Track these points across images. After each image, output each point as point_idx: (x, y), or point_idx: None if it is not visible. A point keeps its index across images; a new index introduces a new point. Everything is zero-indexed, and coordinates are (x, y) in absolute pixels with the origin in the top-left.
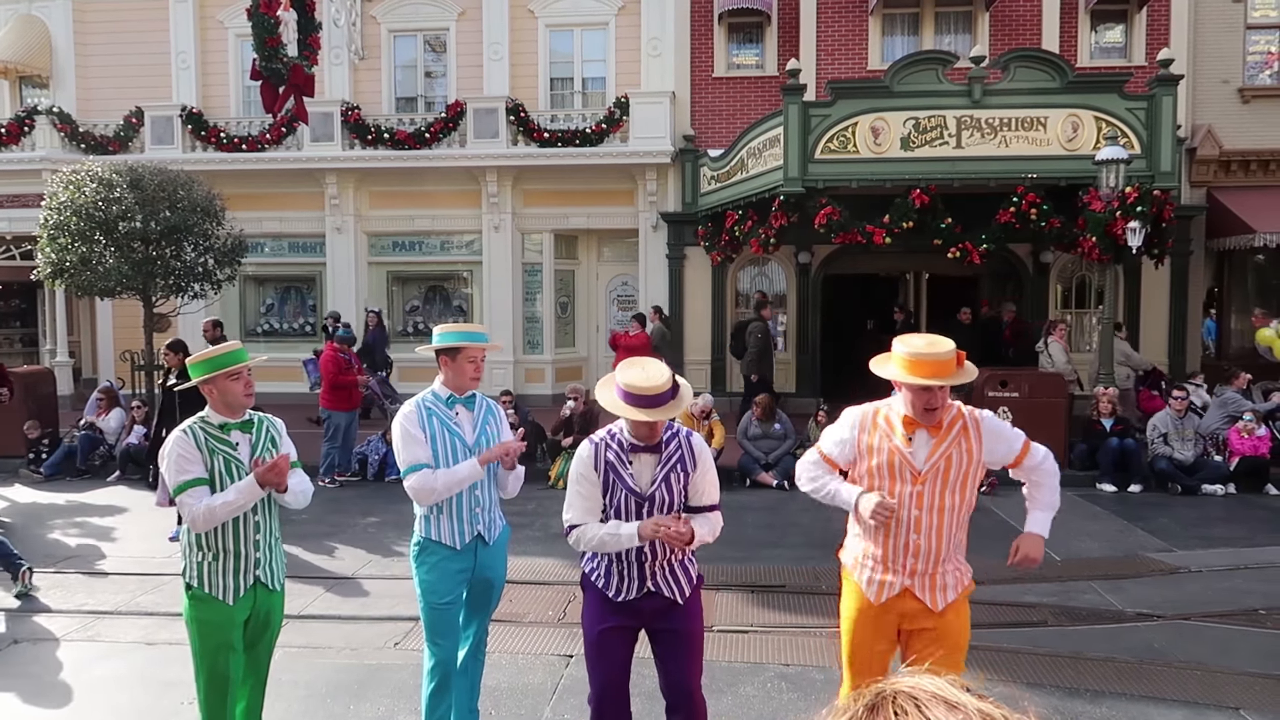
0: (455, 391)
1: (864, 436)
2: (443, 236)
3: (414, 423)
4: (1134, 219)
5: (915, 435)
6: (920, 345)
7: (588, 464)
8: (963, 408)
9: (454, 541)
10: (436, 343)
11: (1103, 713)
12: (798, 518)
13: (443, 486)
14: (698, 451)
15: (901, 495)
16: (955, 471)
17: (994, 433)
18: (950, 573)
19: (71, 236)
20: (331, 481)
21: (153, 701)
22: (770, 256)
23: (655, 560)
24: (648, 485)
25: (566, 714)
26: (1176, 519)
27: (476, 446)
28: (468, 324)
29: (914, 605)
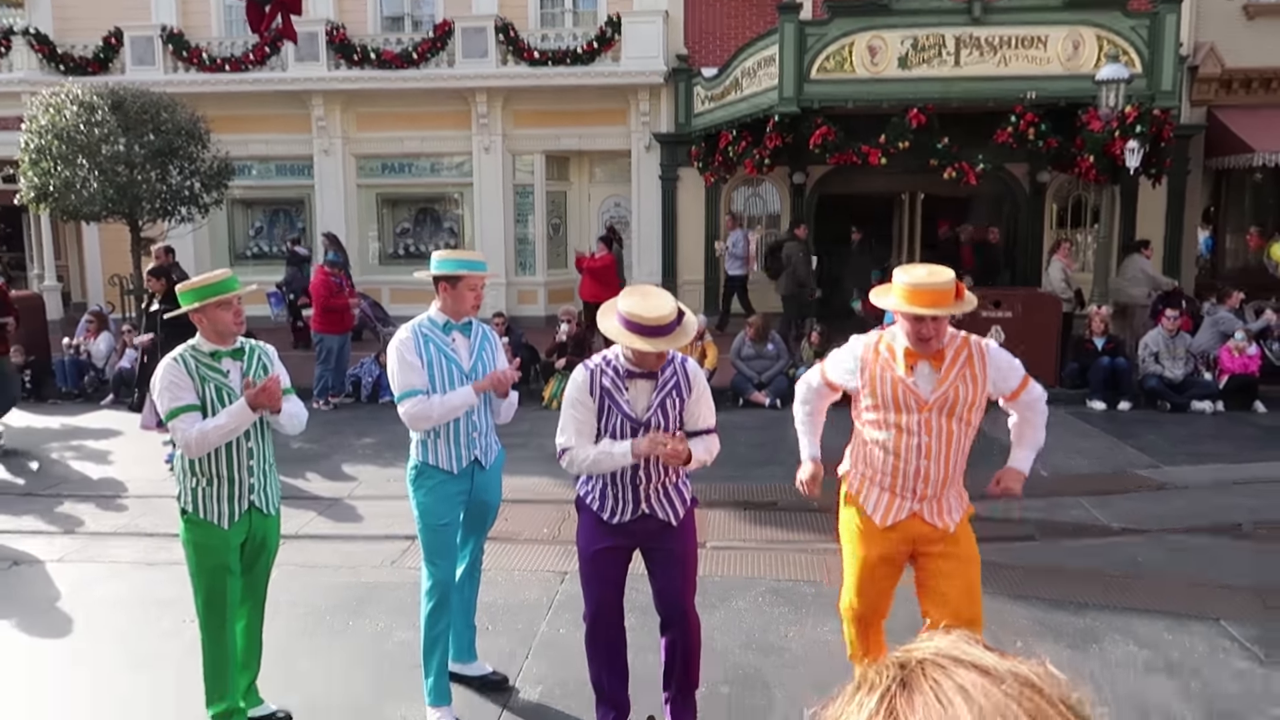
0: (452, 318)
1: (868, 365)
2: (432, 158)
3: (410, 349)
4: (1133, 139)
5: (918, 364)
6: (920, 275)
7: (583, 389)
8: (970, 338)
9: (451, 466)
10: (436, 269)
11: (1086, 624)
12: (790, 436)
13: (438, 414)
14: (693, 377)
15: (908, 424)
16: (963, 401)
17: (998, 364)
18: (953, 496)
19: (54, 160)
20: (326, 404)
21: (153, 621)
22: (764, 177)
23: (649, 483)
24: (643, 411)
25: (561, 628)
26: (1165, 436)
27: (473, 373)
28: (468, 252)
29: (923, 529)
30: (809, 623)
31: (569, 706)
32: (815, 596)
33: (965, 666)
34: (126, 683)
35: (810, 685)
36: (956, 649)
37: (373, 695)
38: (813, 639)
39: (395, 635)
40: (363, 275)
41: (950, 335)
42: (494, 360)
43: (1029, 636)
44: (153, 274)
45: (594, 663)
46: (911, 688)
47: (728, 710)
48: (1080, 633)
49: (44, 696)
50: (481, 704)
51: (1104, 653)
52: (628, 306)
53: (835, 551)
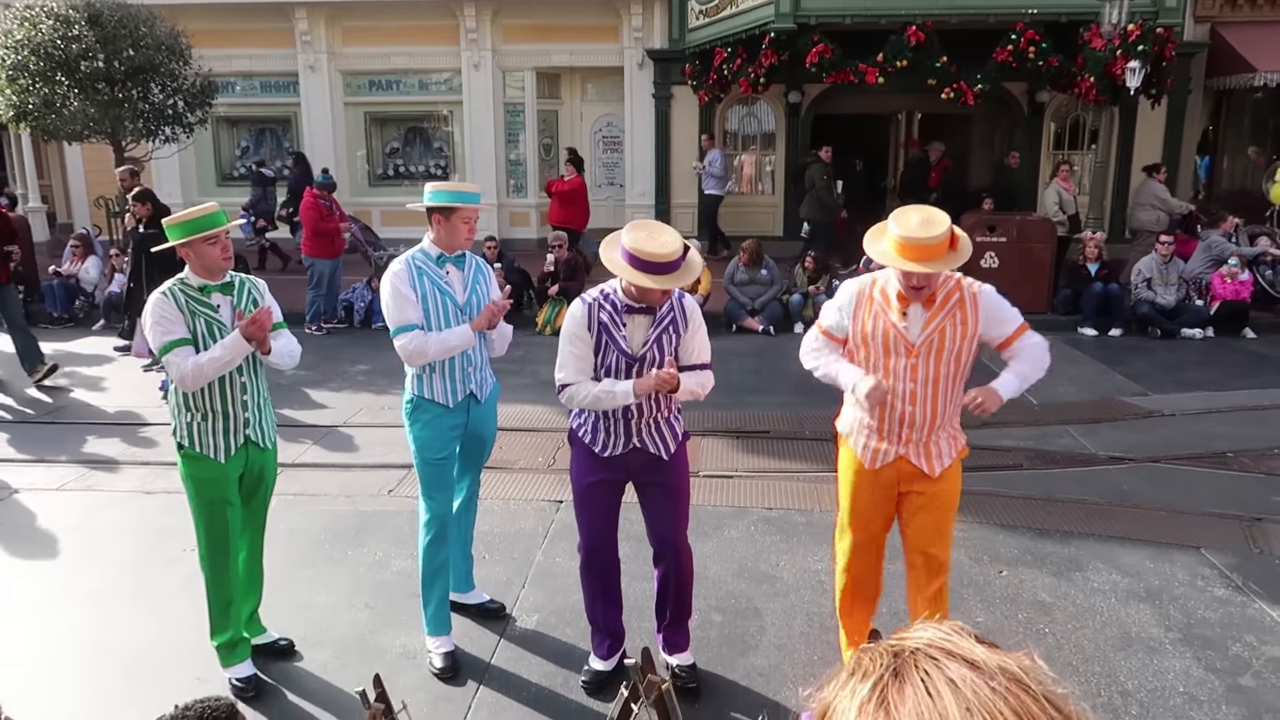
0: (445, 250)
1: (860, 310)
2: (421, 75)
3: (404, 281)
4: (1134, 58)
5: (910, 309)
6: (913, 226)
7: (580, 324)
8: (963, 280)
9: (447, 400)
10: (429, 200)
11: (1070, 552)
12: (782, 364)
13: (434, 351)
14: (690, 312)
15: (896, 368)
16: (950, 345)
17: (991, 310)
18: (944, 439)
19: (32, 77)
20: (318, 329)
21: (153, 550)
22: (759, 97)
23: (642, 418)
24: (639, 347)
25: (557, 557)
26: (1154, 363)
27: (467, 306)
28: (462, 183)
29: (910, 469)
30: (799, 551)
31: (565, 634)
32: (806, 526)
33: (957, 660)
34: (130, 613)
35: (801, 613)
36: (949, 641)
37: (372, 624)
38: (803, 568)
39: (394, 564)
40: (352, 197)
41: (943, 279)
42: (488, 293)
43: (1017, 565)
44: (137, 199)
45: (589, 593)
46: (903, 677)
47: (720, 637)
48: (1065, 561)
49: (48, 626)
50: (480, 632)
51: (1087, 580)
52: (633, 242)
53: (826, 480)
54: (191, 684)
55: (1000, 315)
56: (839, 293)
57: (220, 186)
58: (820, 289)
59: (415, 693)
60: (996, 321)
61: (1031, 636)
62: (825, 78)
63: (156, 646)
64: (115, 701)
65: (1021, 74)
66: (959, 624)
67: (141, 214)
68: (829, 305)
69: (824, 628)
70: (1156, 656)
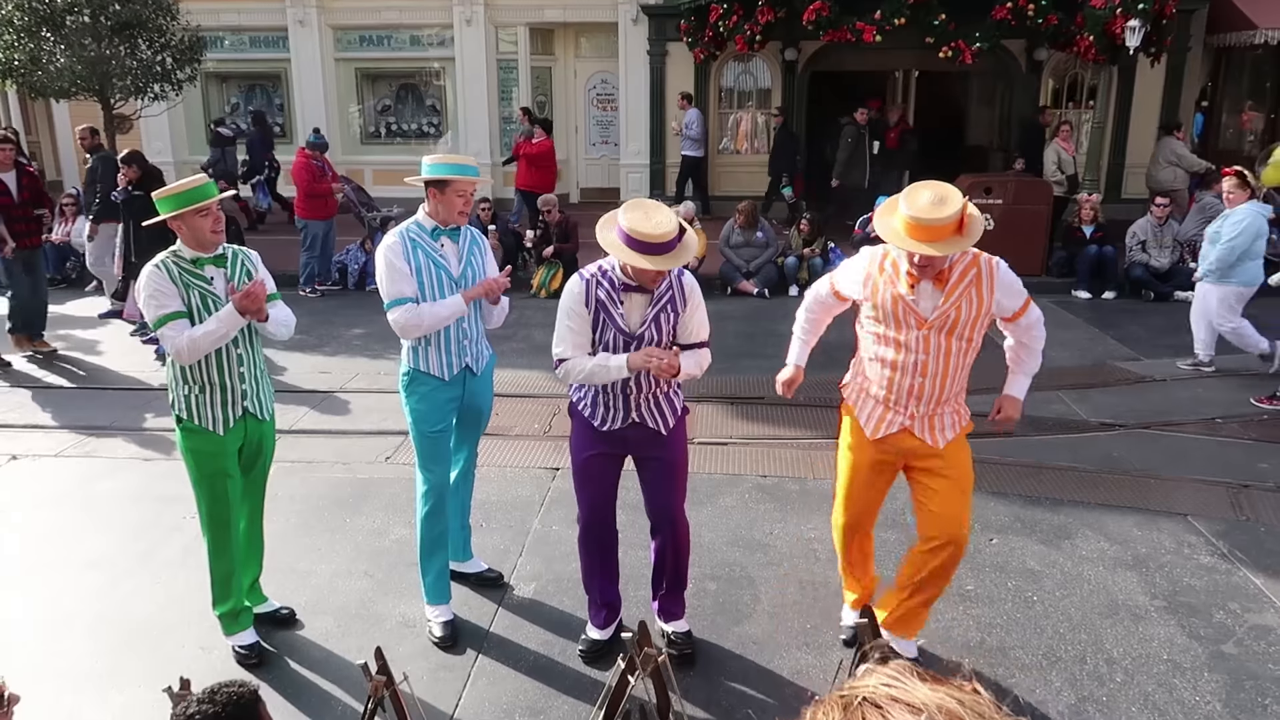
0: (440, 224)
1: (871, 278)
2: (412, 30)
3: (398, 254)
4: (1134, 17)
5: (919, 282)
6: (922, 205)
7: (578, 300)
8: (980, 256)
9: (442, 373)
10: (425, 173)
11: (1060, 520)
12: (777, 327)
13: (428, 323)
14: (688, 290)
15: (906, 341)
16: (964, 320)
17: (1005, 285)
18: (949, 414)
19: (17, 32)
20: (312, 291)
21: (155, 517)
22: (755, 54)
23: (640, 393)
24: (637, 325)
25: (554, 525)
26: (1147, 326)
27: (462, 280)
28: (459, 156)
29: (913, 443)
30: (793, 520)
31: (562, 603)
32: (800, 494)
33: (900, 705)
34: (132, 581)
35: (794, 581)
36: (894, 686)
37: (372, 593)
38: (796, 535)
39: (392, 532)
40: (344, 155)
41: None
42: (483, 266)
43: (1007, 533)
44: (125, 161)
45: (586, 565)
46: None
47: (715, 605)
48: (1054, 529)
49: (51, 595)
50: (479, 601)
51: (1075, 548)
52: (630, 222)
53: (820, 447)
54: (195, 652)
55: (1012, 291)
56: (856, 257)
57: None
58: (815, 251)
59: (415, 661)
60: (1010, 295)
61: (1020, 604)
62: (822, 35)
63: (159, 615)
64: (119, 671)
65: (1020, 32)
66: (905, 664)
67: (130, 176)
68: (846, 267)
69: (816, 596)
70: (1142, 624)
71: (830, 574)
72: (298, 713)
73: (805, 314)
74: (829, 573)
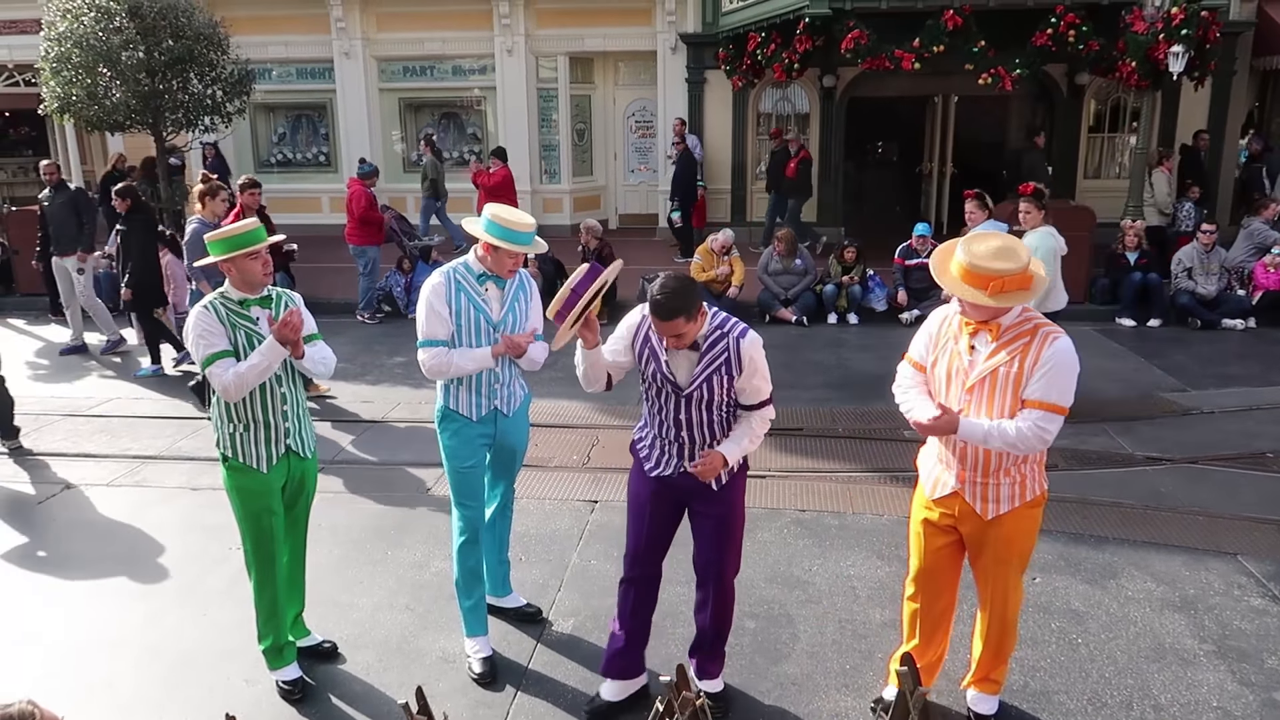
0: (488, 270)
1: (934, 336)
2: (454, 61)
3: (439, 297)
4: (1177, 43)
5: (977, 342)
6: (980, 254)
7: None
8: (1039, 330)
9: (471, 413)
10: (483, 229)
11: (1105, 558)
12: (816, 356)
13: (452, 370)
14: (743, 355)
15: (951, 402)
16: (1003, 385)
17: (1044, 367)
18: (1008, 484)
19: (75, 69)
20: (371, 317)
21: (202, 548)
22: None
23: (694, 444)
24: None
25: (593, 559)
26: (1194, 356)
27: (501, 325)
28: (520, 222)
29: (965, 508)
30: (832, 556)
31: (600, 639)
32: (839, 529)
33: None
34: (178, 613)
35: (833, 620)
36: None
37: (413, 627)
38: (836, 573)
39: (432, 565)
40: (387, 183)
41: (1025, 318)
42: (527, 311)
43: (1050, 571)
44: (119, 194)
45: (618, 607)
46: None
47: (753, 644)
48: (1099, 568)
49: (100, 624)
50: (517, 636)
51: (1121, 588)
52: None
53: (859, 480)
54: (240, 686)
55: (1048, 379)
56: (928, 319)
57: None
58: (854, 279)
59: (455, 697)
60: (1041, 382)
61: (1064, 647)
62: (860, 63)
63: (205, 646)
64: (167, 702)
65: (1060, 57)
66: None
67: (122, 209)
68: (916, 335)
69: (856, 635)
70: (1190, 669)
71: (871, 612)
72: None
73: (901, 394)
74: (870, 611)
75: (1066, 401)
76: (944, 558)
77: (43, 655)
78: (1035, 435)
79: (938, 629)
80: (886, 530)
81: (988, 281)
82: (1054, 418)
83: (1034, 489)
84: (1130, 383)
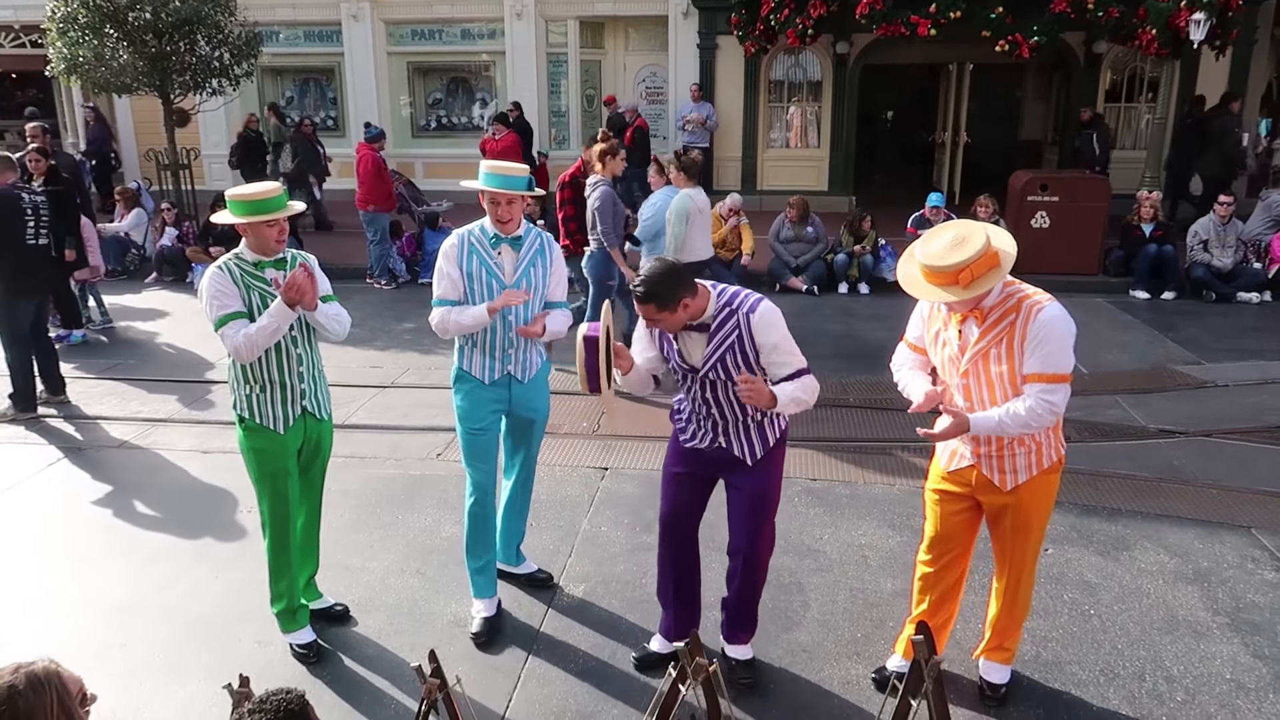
0: (499, 231)
1: (929, 320)
2: (463, 24)
3: (451, 260)
4: (1199, 10)
5: (965, 326)
6: (935, 254)
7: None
8: (1024, 303)
9: (484, 376)
10: (479, 183)
11: (1118, 530)
12: (827, 325)
13: (452, 329)
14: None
15: (952, 383)
16: (995, 368)
17: (1035, 341)
18: (1024, 454)
19: (81, 30)
20: (387, 283)
21: (214, 511)
22: (806, 47)
23: (728, 423)
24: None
25: (603, 526)
26: (1208, 329)
27: (515, 288)
28: (510, 166)
29: (983, 479)
30: (844, 525)
31: (611, 605)
32: (850, 498)
33: None
34: (192, 574)
35: (844, 588)
36: None
37: (424, 591)
38: (847, 542)
39: (443, 530)
40: (395, 149)
41: (1007, 294)
42: (546, 275)
43: (1063, 543)
44: (39, 152)
45: (658, 575)
46: None
47: (765, 612)
48: (1112, 540)
49: (115, 587)
50: (529, 602)
51: (1134, 560)
52: None
53: (870, 450)
54: (253, 647)
55: (1039, 350)
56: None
57: None
58: (866, 249)
59: (466, 662)
60: (1033, 356)
61: (1077, 618)
62: (875, 29)
63: (218, 609)
64: (180, 664)
65: (1079, 25)
66: None
67: (39, 170)
68: (913, 314)
69: (867, 603)
70: (1203, 641)
71: (882, 581)
72: (352, 710)
73: (897, 371)
74: (881, 580)
75: (1065, 368)
76: (959, 524)
77: (56, 617)
78: (1044, 409)
79: (949, 596)
80: (897, 500)
81: (956, 276)
82: (1056, 387)
83: (1050, 455)
84: (1143, 355)
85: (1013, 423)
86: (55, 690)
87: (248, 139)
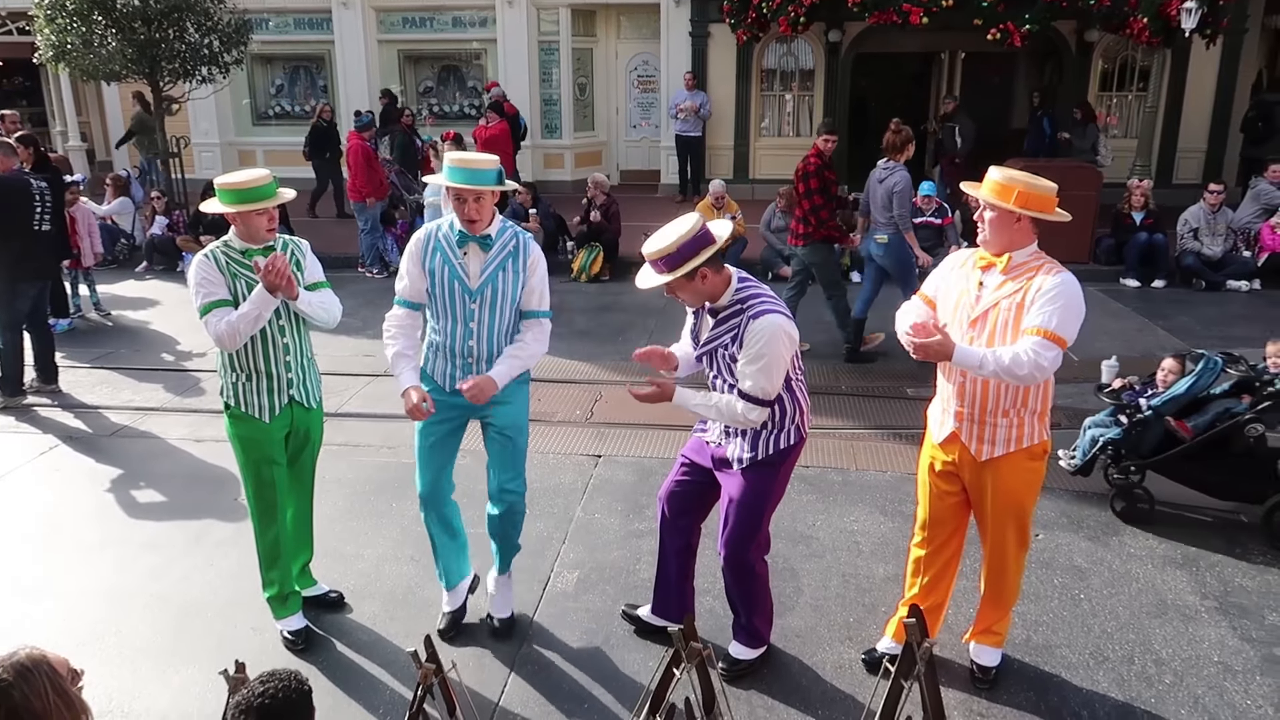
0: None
1: (949, 274)
2: (454, 12)
3: (415, 257)
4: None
5: (986, 278)
6: (1020, 174)
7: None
8: (1043, 267)
9: (444, 382)
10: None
11: (1107, 516)
12: (818, 313)
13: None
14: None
15: (960, 331)
16: (1005, 315)
17: (1047, 295)
18: (1005, 426)
19: (69, 17)
20: (378, 271)
21: (207, 498)
22: (798, 35)
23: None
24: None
25: (597, 513)
26: (1197, 317)
27: (478, 293)
28: (472, 158)
29: (964, 453)
30: (836, 511)
31: (604, 591)
32: (842, 485)
33: None
34: (184, 562)
35: (836, 574)
36: None
37: (418, 578)
38: (839, 528)
39: None
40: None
41: (1036, 255)
42: (519, 279)
43: (1053, 529)
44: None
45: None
46: None
47: None
48: (1102, 525)
49: (108, 575)
50: (523, 589)
51: (1123, 545)
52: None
53: (862, 437)
54: (248, 633)
55: (1044, 308)
56: (945, 260)
57: (256, 126)
58: (856, 239)
59: (461, 648)
60: (1037, 313)
61: (1067, 602)
62: (868, 17)
63: (212, 596)
64: (176, 651)
65: (1071, 13)
66: None
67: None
68: (933, 273)
69: (859, 589)
70: (1192, 625)
71: (874, 567)
72: (347, 697)
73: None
74: (873, 566)
75: (1066, 333)
76: (950, 508)
77: (51, 605)
78: (1031, 361)
79: (940, 579)
80: (889, 486)
81: (1013, 191)
82: (1052, 345)
83: (1032, 436)
84: (1133, 342)
85: (994, 363)
86: (45, 675)
87: (318, 129)
